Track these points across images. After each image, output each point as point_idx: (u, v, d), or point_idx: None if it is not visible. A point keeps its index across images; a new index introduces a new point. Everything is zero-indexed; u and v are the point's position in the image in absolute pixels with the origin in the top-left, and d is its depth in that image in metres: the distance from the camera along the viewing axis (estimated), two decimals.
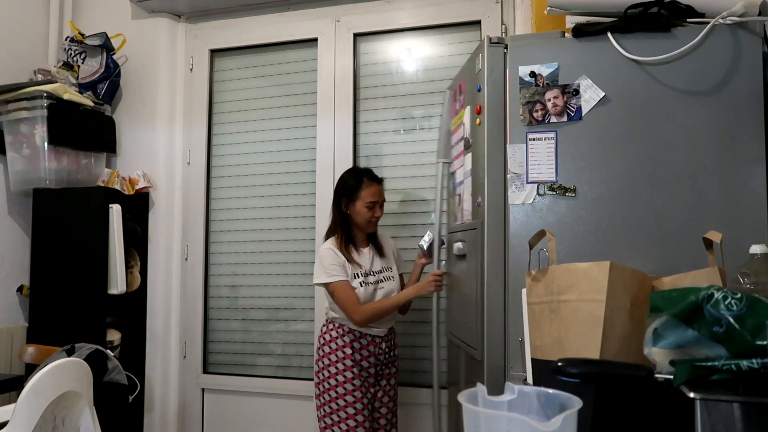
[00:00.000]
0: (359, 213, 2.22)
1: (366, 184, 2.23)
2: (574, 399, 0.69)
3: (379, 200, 2.25)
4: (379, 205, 2.25)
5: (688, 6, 1.57)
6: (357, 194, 2.22)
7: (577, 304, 1.15)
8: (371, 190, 2.23)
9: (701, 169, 1.50)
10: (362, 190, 2.22)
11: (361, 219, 2.23)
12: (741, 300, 0.84)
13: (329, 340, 2.24)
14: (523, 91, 1.62)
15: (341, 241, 2.23)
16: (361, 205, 2.22)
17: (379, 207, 2.26)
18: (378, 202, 2.25)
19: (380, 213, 2.26)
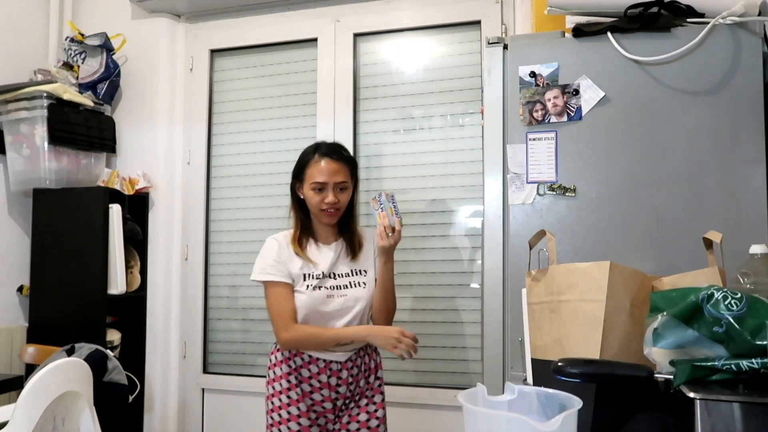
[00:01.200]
0: (307, 198, 1.76)
1: (314, 160, 1.75)
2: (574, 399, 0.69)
3: (331, 181, 1.72)
4: (332, 188, 1.73)
5: (688, 6, 1.57)
6: (304, 173, 1.76)
7: (577, 304, 1.15)
8: (318, 168, 1.73)
9: (701, 169, 1.50)
10: (309, 167, 1.75)
11: (310, 206, 1.77)
12: (741, 300, 0.84)
13: (274, 363, 1.80)
14: (523, 91, 1.62)
15: (296, 232, 1.80)
16: (307, 187, 1.75)
17: (334, 191, 1.73)
18: (329, 185, 1.72)
19: (335, 199, 1.73)
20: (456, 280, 2.52)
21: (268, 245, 1.78)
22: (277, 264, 1.73)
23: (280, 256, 1.74)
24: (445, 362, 2.51)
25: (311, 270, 1.74)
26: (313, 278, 1.73)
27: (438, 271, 2.54)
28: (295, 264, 1.74)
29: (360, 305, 1.76)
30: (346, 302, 1.74)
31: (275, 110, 2.86)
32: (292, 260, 1.74)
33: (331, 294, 1.74)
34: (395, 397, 2.48)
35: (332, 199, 1.72)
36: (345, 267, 1.79)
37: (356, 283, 1.78)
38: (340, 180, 1.73)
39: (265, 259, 1.75)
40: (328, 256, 1.78)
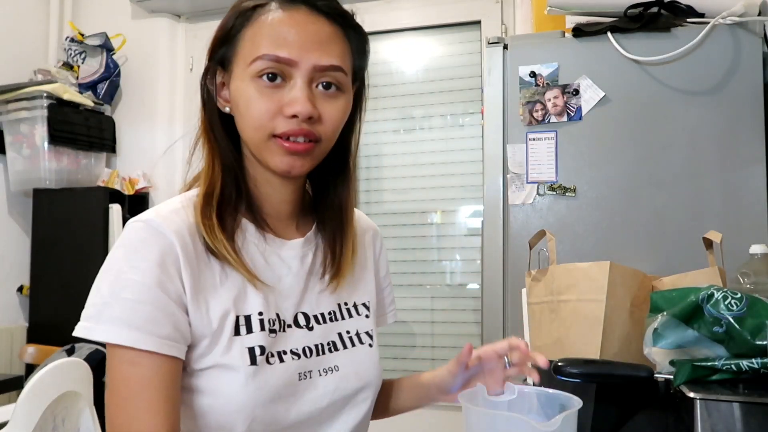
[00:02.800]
0: (240, 105, 0.77)
1: (265, 7, 0.77)
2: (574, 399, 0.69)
3: (306, 59, 0.75)
4: (307, 78, 0.75)
5: (688, 6, 1.57)
6: (236, 40, 0.78)
7: (577, 304, 1.15)
8: (275, 24, 0.75)
9: (701, 169, 1.50)
10: (250, 25, 0.77)
11: (245, 126, 0.78)
12: (741, 300, 0.84)
13: None
14: (523, 91, 1.62)
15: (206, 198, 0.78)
16: (241, 74, 0.77)
17: (310, 89, 0.76)
18: (299, 66, 0.75)
19: (311, 107, 0.74)
20: (456, 280, 2.52)
21: (132, 240, 0.75)
22: (152, 297, 0.71)
23: (166, 270, 0.72)
24: (445, 362, 2.50)
25: (255, 308, 0.77)
26: (263, 329, 0.76)
27: (438, 271, 2.54)
28: (216, 293, 0.75)
29: (367, 395, 0.87)
30: (337, 390, 0.82)
31: None
32: (207, 284, 0.75)
33: (307, 370, 0.80)
34: None
35: (304, 104, 0.74)
36: (326, 298, 0.86)
37: (355, 336, 0.87)
38: (327, 62, 0.76)
39: (119, 282, 0.72)
40: (290, 268, 0.83)
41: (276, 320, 0.78)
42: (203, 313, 0.73)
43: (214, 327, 0.73)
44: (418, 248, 2.57)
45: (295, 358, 0.78)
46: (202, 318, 0.73)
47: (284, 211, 0.86)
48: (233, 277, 0.76)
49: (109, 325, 0.69)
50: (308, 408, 0.78)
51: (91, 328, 0.70)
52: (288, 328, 0.80)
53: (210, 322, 0.74)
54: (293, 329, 0.80)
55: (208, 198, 0.78)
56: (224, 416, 0.72)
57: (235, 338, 0.74)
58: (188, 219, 0.76)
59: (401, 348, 2.55)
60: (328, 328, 0.84)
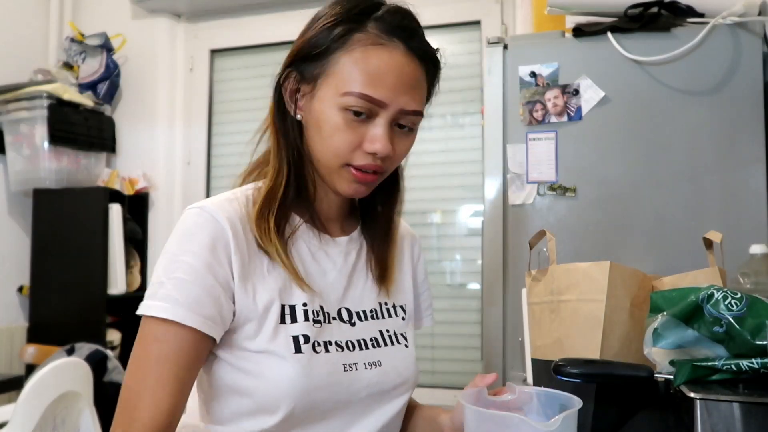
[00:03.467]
0: (322, 126, 0.81)
1: (369, 35, 0.80)
2: (574, 399, 0.69)
3: (396, 105, 0.80)
4: (391, 120, 0.80)
5: (688, 6, 1.57)
6: (328, 61, 0.80)
7: (577, 304, 1.15)
8: (377, 61, 0.78)
9: (701, 169, 1.50)
10: (348, 50, 0.79)
11: (322, 148, 0.82)
12: (741, 300, 0.84)
13: None
14: (523, 91, 1.62)
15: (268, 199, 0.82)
16: (331, 98, 0.79)
17: (392, 130, 0.81)
18: (389, 108, 0.79)
19: (390, 148, 0.80)
20: (456, 280, 2.52)
21: (187, 225, 0.79)
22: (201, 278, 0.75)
23: (216, 254, 0.76)
24: (445, 362, 2.51)
25: (300, 298, 0.81)
26: (307, 320, 0.80)
27: (438, 271, 2.54)
28: (263, 280, 0.80)
29: (403, 391, 0.90)
30: (379, 384, 0.85)
31: None
32: (256, 271, 0.79)
33: (352, 362, 0.82)
34: None
35: (385, 144, 0.79)
36: (369, 296, 0.90)
37: (394, 336, 0.90)
38: (412, 108, 0.81)
39: (172, 264, 0.76)
40: (335, 264, 0.88)
41: (320, 312, 0.83)
42: (251, 298, 0.78)
43: (260, 312, 0.78)
44: None
45: (339, 350, 0.82)
46: (249, 303, 0.78)
47: (334, 212, 0.92)
48: (280, 269, 0.81)
49: (162, 301, 0.75)
50: (348, 398, 0.82)
51: (149, 305, 0.78)
52: (333, 320, 0.84)
53: (256, 307, 0.78)
54: (337, 322, 0.85)
55: (271, 197, 0.83)
56: (269, 399, 0.76)
57: (281, 326, 0.79)
58: (241, 209, 0.81)
59: None
60: (371, 325, 0.89)
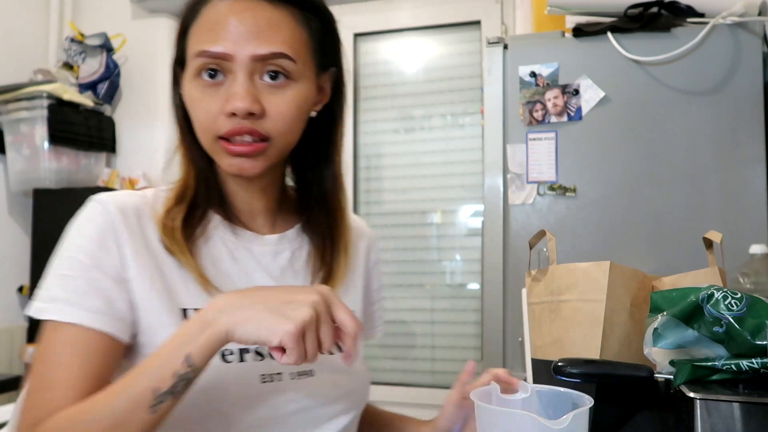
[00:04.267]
0: (188, 105, 0.76)
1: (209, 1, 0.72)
2: (585, 398, 0.69)
3: (240, 50, 0.69)
4: (246, 69, 0.70)
5: (688, 6, 1.57)
6: (186, 39, 0.76)
7: (577, 304, 1.15)
8: (211, 15, 0.72)
9: (701, 169, 1.50)
10: (195, 20, 0.74)
11: (196, 127, 0.76)
12: (741, 300, 0.84)
13: None
14: (523, 91, 1.62)
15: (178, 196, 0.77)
16: (188, 73, 0.74)
17: (251, 80, 0.70)
18: (235, 59, 0.69)
19: (249, 102, 0.69)
20: (456, 280, 2.52)
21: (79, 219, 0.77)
22: (83, 271, 0.70)
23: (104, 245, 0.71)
24: (445, 362, 2.51)
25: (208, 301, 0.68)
26: None
27: (438, 271, 2.54)
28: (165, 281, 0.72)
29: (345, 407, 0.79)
30: (310, 397, 0.75)
31: None
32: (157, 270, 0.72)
33: (273, 372, 0.74)
34: (395, 397, 2.48)
35: (243, 97, 0.69)
36: None
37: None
38: (266, 50, 0.70)
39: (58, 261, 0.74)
40: (260, 263, 0.79)
41: None
42: (152, 295, 0.70)
43: (162, 314, 0.70)
44: (418, 248, 2.57)
45: (258, 358, 0.73)
46: (151, 300, 0.70)
47: (257, 208, 0.82)
48: (186, 270, 0.73)
49: (44, 302, 0.69)
50: (270, 413, 0.71)
51: (34, 307, 0.69)
52: None
53: (159, 306, 0.70)
54: None
55: (181, 195, 0.77)
56: (170, 415, 0.62)
57: None
58: (145, 204, 0.76)
59: (401, 348, 2.55)
60: None
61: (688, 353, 0.88)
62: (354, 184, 2.64)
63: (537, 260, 1.44)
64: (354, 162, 2.68)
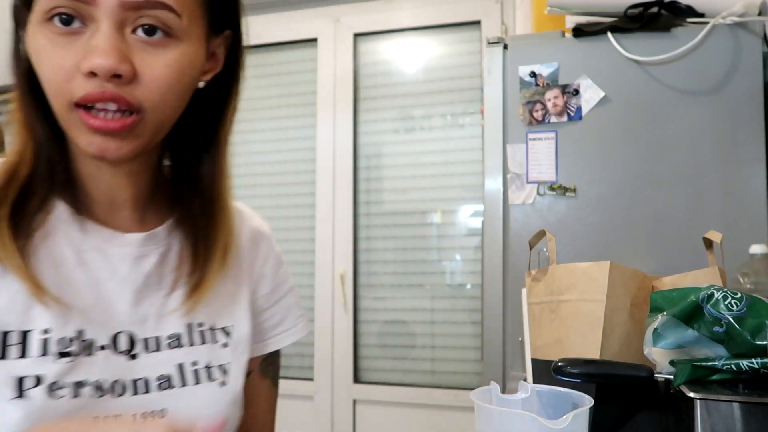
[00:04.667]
0: (33, 54, 0.56)
1: None
2: (585, 398, 0.69)
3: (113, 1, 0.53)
4: (114, 19, 0.54)
5: (688, 6, 1.57)
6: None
7: (577, 304, 1.15)
8: None
9: (701, 169, 1.50)
10: None
11: (45, 87, 0.56)
12: (741, 300, 0.84)
13: None
14: (523, 91, 1.62)
15: (7, 178, 0.59)
16: (35, 13, 0.55)
17: (120, 33, 0.54)
18: (100, 6, 0.53)
19: (116, 59, 0.53)
20: (456, 280, 2.52)
21: None
22: None
23: None
24: (445, 362, 2.51)
25: (40, 322, 0.57)
26: (46, 353, 0.57)
27: (438, 271, 2.54)
28: None
29: None
30: None
31: (275, 110, 2.86)
32: None
33: (111, 411, 0.59)
34: (395, 397, 2.49)
35: (108, 52, 0.53)
36: (171, 316, 0.66)
37: (203, 370, 0.66)
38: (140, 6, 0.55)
39: None
40: (116, 271, 0.63)
41: (76, 339, 0.58)
42: None
43: None
44: (418, 248, 2.57)
45: (97, 393, 0.58)
46: None
47: (120, 198, 0.64)
48: (12, 278, 0.56)
49: None
50: None
51: None
52: (98, 351, 0.59)
53: None
54: (106, 353, 0.60)
55: (9, 179, 0.58)
56: None
57: None
58: None
59: (401, 348, 2.55)
60: (164, 357, 0.63)
61: (688, 353, 0.88)
62: (354, 184, 2.64)
63: (537, 260, 1.44)
64: (354, 162, 2.68)
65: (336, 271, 2.61)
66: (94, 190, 0.63)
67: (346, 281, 2.59)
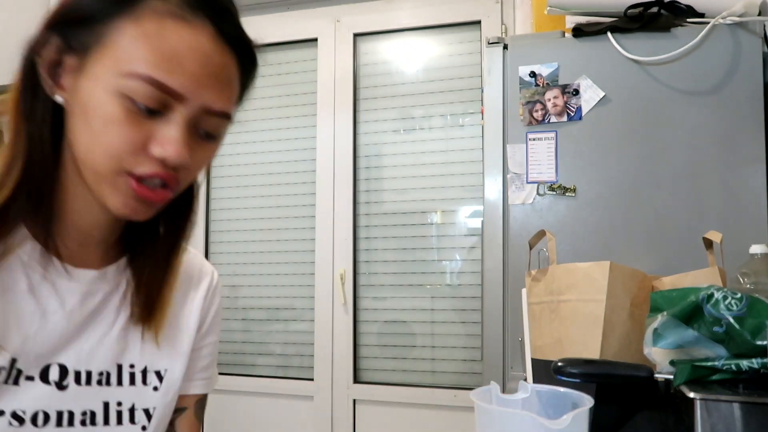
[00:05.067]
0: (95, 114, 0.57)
1: (168, 6, 0.58)
2: (585, 398, 0.69)
3: (199, 96, 0.59)
4: (193, 117, 0.60)
5: (688, 6, 1.57)
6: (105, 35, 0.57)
7: (577, 304, 1.15)
8: (174, 39, 0.57)
9: (701, 169, 1.50)
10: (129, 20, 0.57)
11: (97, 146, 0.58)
12: (741, 300, 0.84)
13: None
14: (523, 91, 1.62)
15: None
16: (108, 73, 0.57)
17: (194, 132, 0.61)
18: (188, 102, 0.58)
19: (186, 156, 0.59)
20: (456, 280, 2.52)
21: None
22: None
23: None
24: (445, 362, 2.51)
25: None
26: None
27: (438, 271, 2.54)
28: None
29: None
30: None
31: (275, 110, 2.86)
32: None
33: None
34: (395, 397, 2.49)
35: (181, 150, 0.59)
36: (106, 354, 0.67)
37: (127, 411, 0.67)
38: (219, 107, 0.62)
39: None
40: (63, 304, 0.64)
41: (7, 368, 0.59)
42: None
43: None
44: (418, 248, 2.57)
45: (16, 424, 0.58)
46: None
47: (94, 236, 0.67)
48: None
49: None
50: None
51: None
52: (26, 380, 0.60)
53: None
54: (35, 384, 0.60)
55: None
56: None
57: None
58: None
59: (401, 348, 2.55)
60: (93, 393, 0.64)
61: (688, 353, 0.88)
62: (354, 184, 2.64)
63: (537, 260, 1.44)
64: (354, 162, 2.68)
65: (336, 271, 2.61)
66: (70, 226, 0.65)
67: (346, 281, 2.59)
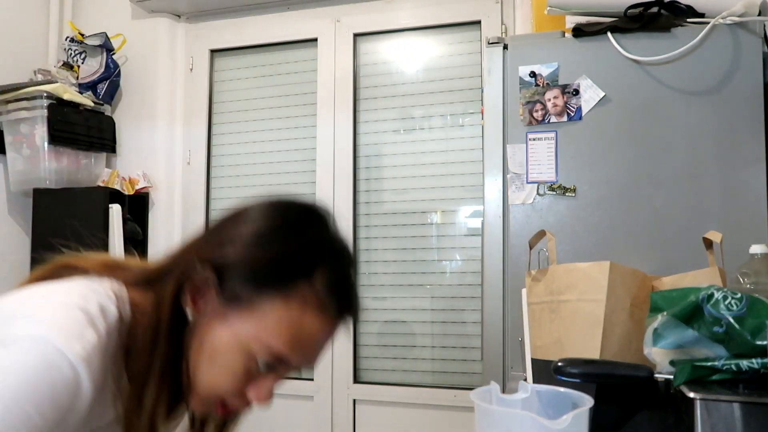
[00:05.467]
0: (221, 358, 0.72)
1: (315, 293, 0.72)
2: (585, 398, 0.69)
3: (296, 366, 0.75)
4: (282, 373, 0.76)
5: (688, 6, 1.57)
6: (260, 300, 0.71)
7: (577, 304, 1.15)
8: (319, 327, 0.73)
9: (701, 169, 1.50)
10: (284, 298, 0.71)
11: (208, 380, 0.73)
12: (741, 300, 0.84)
13: None
14: (523, 91, 1.62)
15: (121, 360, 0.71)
16: (244, 337, 0.71)
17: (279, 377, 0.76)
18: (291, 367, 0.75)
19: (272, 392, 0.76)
20: (456, 280, 2.52)
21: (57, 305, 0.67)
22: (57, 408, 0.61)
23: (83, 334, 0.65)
24: (445, 362, 2.50)
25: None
26: None
27: (438, 271, 2.54)
28: None
29: None
30: None
31: (275, 110, 2.86)
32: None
33: None
34: (395, 397, 2.49)
35: (270, 398, 0.76)
36: None
37: None
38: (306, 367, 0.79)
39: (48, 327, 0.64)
40: None
41: None
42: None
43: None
44: (418, 248, 2.57)
45: None
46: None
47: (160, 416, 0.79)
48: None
49: None
50: None
51: None
52: None
53: None
54: None
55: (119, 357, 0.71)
56: None
57: None
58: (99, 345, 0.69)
59: (401, 348, 2.55)
60: None
61: (688, 353, 0.88)
62: (354, 184, 2.64)
63: (537, 260, 1.44)
64: (354, 162, 2.68)
65: None
66: None
67: None
